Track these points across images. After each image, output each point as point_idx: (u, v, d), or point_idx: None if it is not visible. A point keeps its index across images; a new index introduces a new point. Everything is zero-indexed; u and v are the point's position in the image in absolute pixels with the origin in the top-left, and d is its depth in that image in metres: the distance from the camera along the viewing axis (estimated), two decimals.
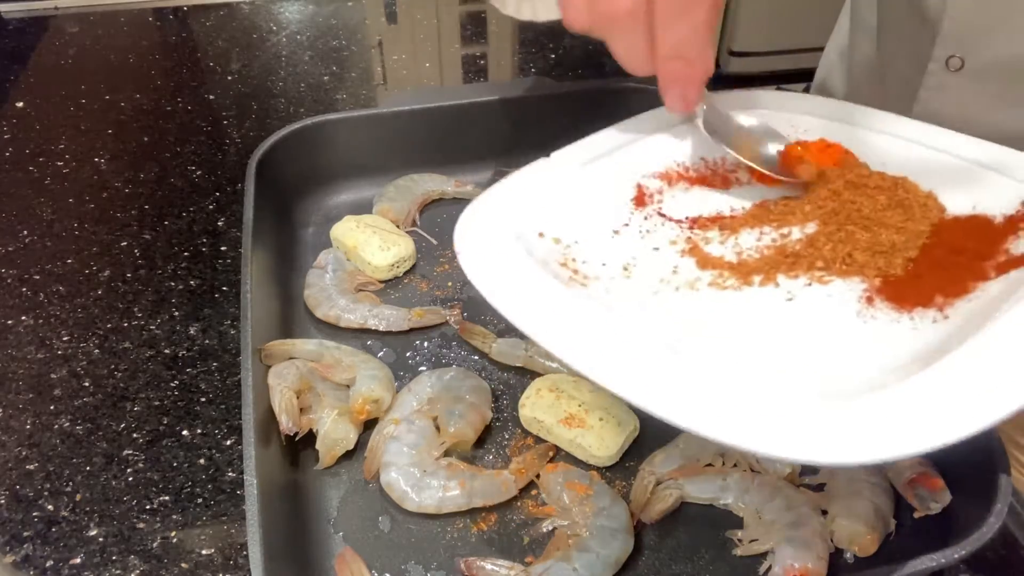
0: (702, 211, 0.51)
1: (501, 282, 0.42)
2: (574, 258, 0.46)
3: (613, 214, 0.50)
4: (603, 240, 0.48)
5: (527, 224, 0.47)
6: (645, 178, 0.52)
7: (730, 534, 0.52)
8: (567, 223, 0.48)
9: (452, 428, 0.55)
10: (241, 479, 0.55)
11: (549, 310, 0.40)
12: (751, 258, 0.47)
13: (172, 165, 0.86)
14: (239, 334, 0.62)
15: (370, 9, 1.19)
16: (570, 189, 0.51)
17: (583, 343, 0.38)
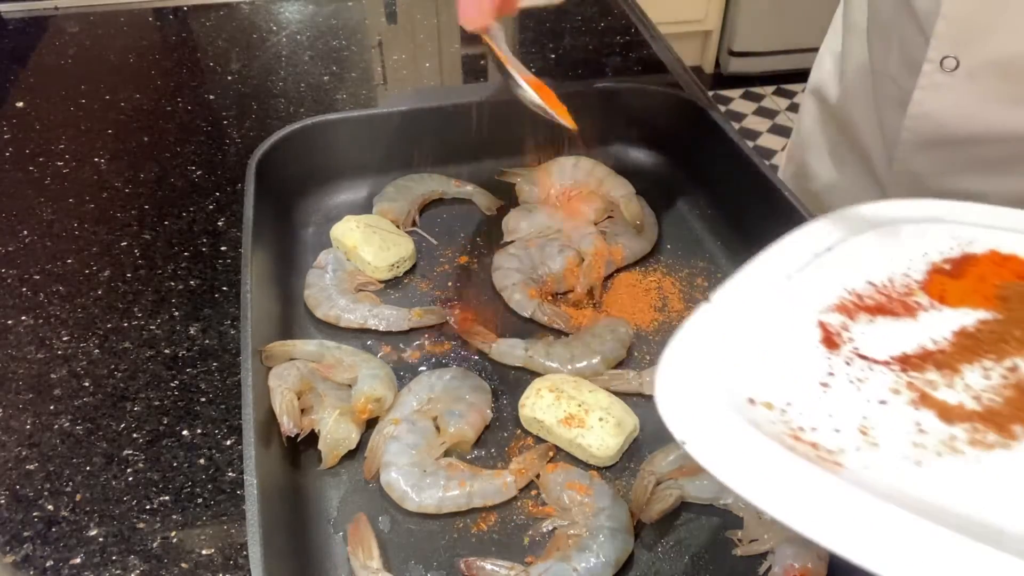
0: (903, 347, 0.45)
1: (753, 472, 0.36)
2: (801, 427, 0.39)
3: (809, 362, 0.44)
4: (815, 398, 0.41)
5: (730, 389, 0.41)
6: (824, 314, 0.46)
7: (730, 534, 0.52)
8: (767, 380, 0.42)
9: (452, 428, 0.55)
10: (241, 479, 0.55)
11: (826, 504, 0.34)
12: (995, 404, 0.40)
13: (172, 165, 0.86)
14: (239, 334, 0.62)
15: (370, 9, 1.19)
16: (752, 340, 0.44)
17: (900, 552, 0.32)
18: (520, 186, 0.78)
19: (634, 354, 0.64)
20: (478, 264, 0.73)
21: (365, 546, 0.50)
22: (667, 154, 0.83)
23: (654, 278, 0.72)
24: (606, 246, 0.71)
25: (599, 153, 0.81)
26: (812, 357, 0.44)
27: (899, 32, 0.65)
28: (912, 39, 0.63)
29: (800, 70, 2.86)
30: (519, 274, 0.69)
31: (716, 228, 0.76)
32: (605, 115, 0.82)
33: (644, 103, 0.82)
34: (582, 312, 0.68)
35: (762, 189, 0.68)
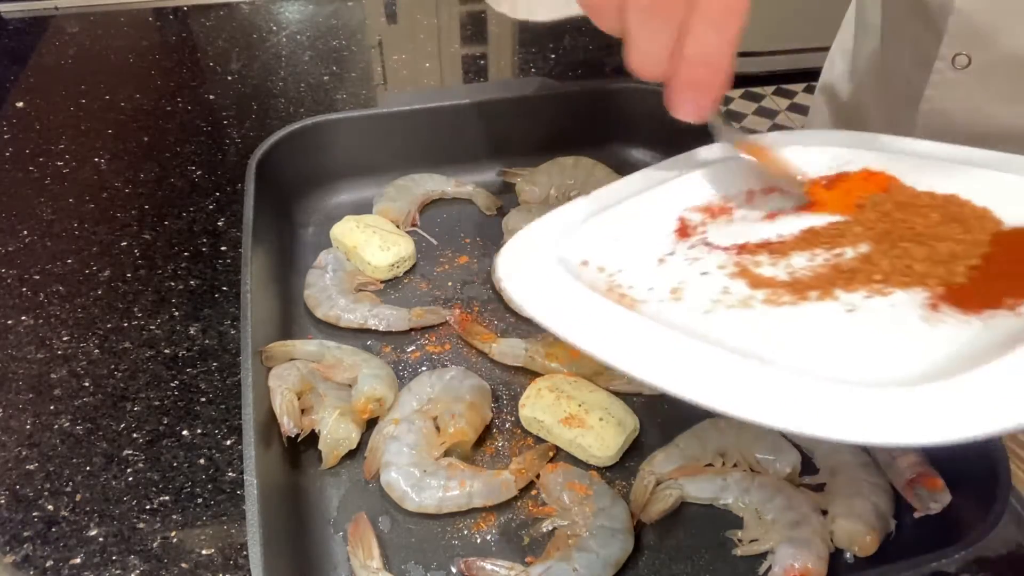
0: (749, 239, 0.49)
1: (555, 306, 0.41)
2: (619, 283, 0.46)
3: (656, 244, 0.49)
4: (648, 267, 0.47)
5: (570, 253, 0.47)
6: (687, 211, 0.51)
7: (730, 534, 0.52)
8: (609, 252, 0.48)
9: (452, 428, 0.55)
10: (241, 479, 0.55)
11: (611, 330, 0.40)
12: (805, 276, 0.45)
13: (172, 165, 0.86)
14: (239, 334, 0.62)
15: (370, 9, 1.19)
16: (610, 222, 0.50)
17: (657, 359, 0.38)
18: (520, 186, 0.78)
19: None
20: (478, 264, 0.73)
21: (365, 546, 0.50)
22: (667, 154, 0.83)
23: None
24: None
25: (599, 153, 0.81)
26: (659, 240, 0.50)
27: (912, 29, 0.65)
28: (924, 36, 0.63)
29: (800, 70, 2.87)
30: None
31: None
32: (605, 115, 0.82)
33: (644, 103, 0.82)
34: None
35: None
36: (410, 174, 0.79)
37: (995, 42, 0.59)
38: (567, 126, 0.82)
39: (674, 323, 0.42)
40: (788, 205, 0.51)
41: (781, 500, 0.51)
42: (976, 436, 0.31)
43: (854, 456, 0.54)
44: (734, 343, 0.40)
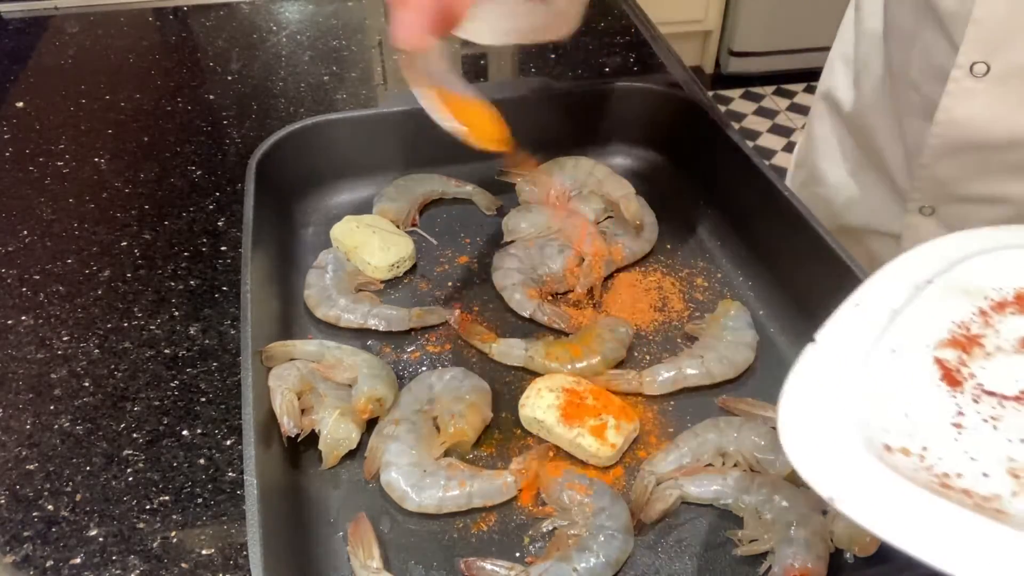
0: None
1: (927, 531, 0.34)
2: (945, 473, 0.38)
3: (934, 403, 0.42)
4: (951, 440, 0.40)
5: (862, 437, 0.39)
6: (937, 350, 0.44)
7: (730, 534, 0.52)
8: (896, 426, 0.40)
9: (452, 428, 0.55)
10: (241, 479, 0.55)
11: (1002, 556, 0.33)
12: None
13: (172, 165, 0.86)
14: (239, 334, 0.62)
15: (370, 9, 1.19)
16: (867, 381, 0.42)
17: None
18: (520, 186, 0.78)
19: (634, 354, 0.64)
20: (478, 264, 0.73)
21: (365, 546, 0.50)
22: (667, 154, 0.83)
23: (654, 278, 0.72)
24: (606, 246, 0.71)
25: (599, 153, 0.81)
26: (936, 396, 0.42)
27: (922, 38, 0.65)
28: (937, 45, 0.62)
29: (800, 70, 2.87)
30: (519, 274, 0.69)
31: (716, 228, 0.76)
32: (605, 115, 0.82)
33: (644, 103, 0.82)
34: (582, 312, 0.68)
35: (762, 189, 0.68)
36: (410, 174, 0.79)
37: (1014, 49, 0.59)
38: (567, 126, 0.82)
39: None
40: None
41: (781, 500, 0.51)
42: None
43: None
44: None
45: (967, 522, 0.34)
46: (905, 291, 0.47)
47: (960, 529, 0.34)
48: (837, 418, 0.39)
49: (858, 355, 0.43)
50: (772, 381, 0.62)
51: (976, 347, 0.45)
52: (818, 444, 0.38)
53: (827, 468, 0.37)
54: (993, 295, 0.47)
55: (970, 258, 0.49)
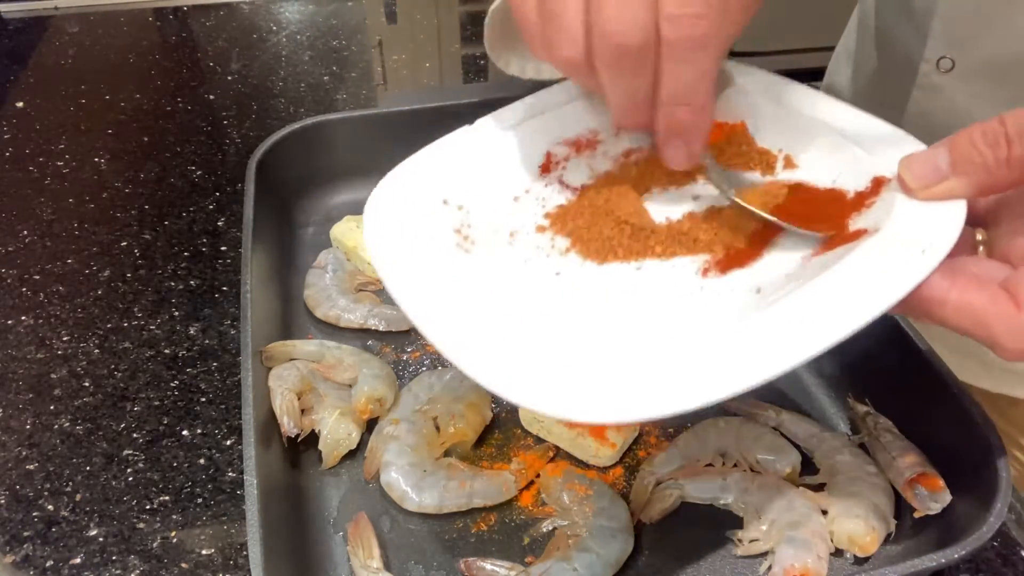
0: (594, 179, 0.51)
1: (390, 249, 0.42)
2: (469, 224, 0.47)
3: (518, 181, 0.50)
4: (502, 207, 0.48)
5: (437, 190, 0.47)
6: (556, 145, 0.51)
7: (730, 534, 0.52)
8: (474, 189, 0.48)
9: (452, 428, 0.55)
10: (241, 479, 0.55)
11: (422, 277, 0.41)
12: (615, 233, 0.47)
13: (172, 165, 0.86)
14: (239, 334, 0.62)
15: (370, 9, 1.19)
16: (484, 155, 0.50)
17: (434, 305, 0.39)
18: None
19: None
20: None
21: (365, 546, 0.50)
22: None
23: None
24: None
25: None
26: (524, 177, 0.50)
27: (900, 32, 0.65)
28: (912, 39, 0.63)
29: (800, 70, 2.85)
30: None
31: None
32: None
33: None
34: None
35: None
36: None
37: (978, 46, 0.59)
38: None
39: (496, 271, 0.44)
40: (647, 141, 0.51)
41: (781, 500, 0.51)
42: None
43: (854, 456, 0.54)
44: (530, 296, 0.43)
45: (426, 248, 0.43)
46: (571, 94, 0.52)
47: (421, 255, 0.42)
48: (428, 173, 0.47)
49: (496, 133, 0.50)
50: (772, 381, 0.62)
51: (589, 149, 0.51)
52: (393, 184, 0.46)
53: (380, 198, 0.45)
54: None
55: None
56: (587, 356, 0.38)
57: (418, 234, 0.44)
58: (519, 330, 0.39)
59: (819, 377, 0.62)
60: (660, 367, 0.36)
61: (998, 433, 0.48)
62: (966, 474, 0.49)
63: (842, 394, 0.60)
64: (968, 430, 0.49)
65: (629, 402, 0.35)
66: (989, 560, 0.51)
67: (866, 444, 0.55)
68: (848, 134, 0.47)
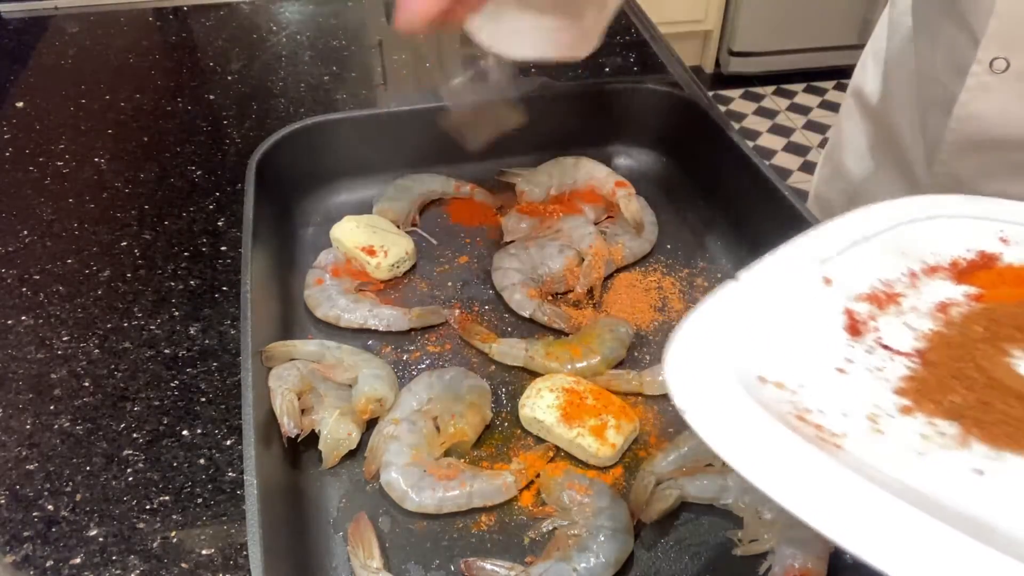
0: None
1: (749, 446, 0.35)
2: (808, 408, 0.39)
3: (830, 347, 0.43)
4: (831, 382, 0.41)
5: (742, 366, 0.40)
6: (852, 302, 0.45)
7: (730, 534, 0.52)
8: (783, 362, 0.41)
9: (452, 428, 0.55)
10: (241, 479, 0.55)
11: (818, 485, 0.33)
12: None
13: (172, 165, 0.86)
14: (239, 334, 0.62)
15: (370, 9, 1.19)
16: (774, 320, 0.43)
17: (886, 535, 0.31)
18: (520, 186, 0.78)
19: (634, 354, 0.64)
20: (478, 264, 0.73)
21: (365, 546, 0.50)
22: (667, 154, 0.83)
23: (654, 278, 0.72)
24: (606, 246, 0.71)
25: (599, 153, 0.81)
26: (833, 342, 0.43)
27: (946, 32, 0.64)
28: (959, 39, 0.62)
29: (800, 70, 2.87)
30: (519, 274, 0.69)
31: (716, 228, 0.76)
32: (605, 115, 0.82)
33: (644, 103, 0.82)
34: (582, 312, 0.68)
35: (762, 189, 0.68)
36: (410, 174, 0.79)
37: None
38: (567, 126, 0.82)
39: (884, 470, 0.35)
40: (956, 292, 0.46)
41: None
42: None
43: None
44: (961, 506, 0.34)
45: (793, 446, 0.35)
46: (842, 244, 0.47)
47: (784, 451, 0.34)
48: (723, 346, 0.40)
49: (772, 295, 0.44)
50: None
51: (892, 304, 0.46)
52: (693, 365, 0.39)
53: (690, 385, 0.38)
54: (929, 259, 0.48)
55: (917, 222, 0.50)
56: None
57: (766, 425, 0.36)
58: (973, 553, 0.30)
59: None
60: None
61: None
62: None
63: None
64: None
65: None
66: None
67: None
68: None
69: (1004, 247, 0.49)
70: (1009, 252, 0.49)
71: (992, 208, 0.51)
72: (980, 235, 0.50)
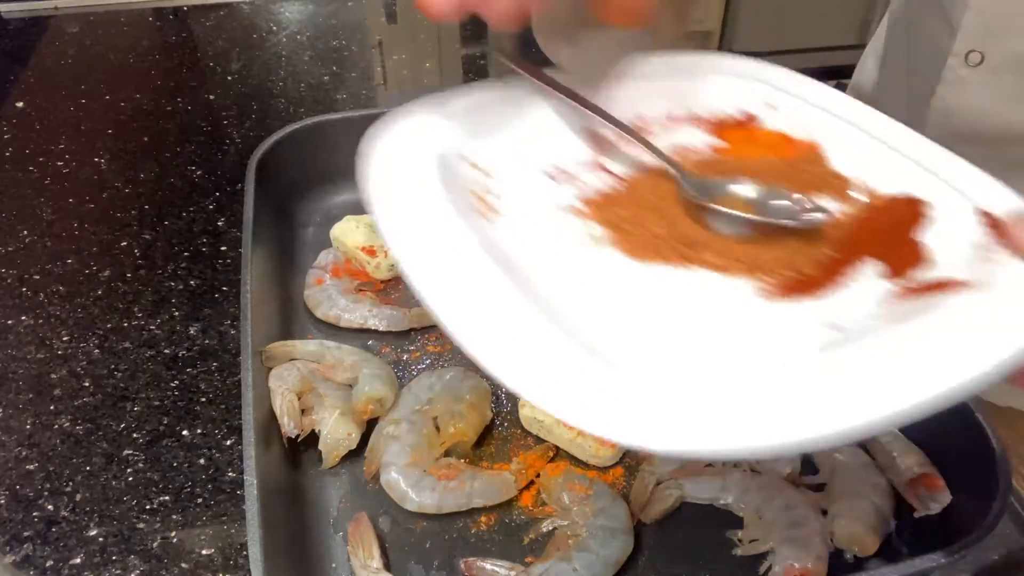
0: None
1: (393, 200, 0.37)
2: (490, 191, 0.41)
3: (554, 156, 0.45)
4: (533, 181, 0.44)
5: (457, 145, 0.42)
6: (602, 126, 0.47)
7: (730, 534, 0.52)
8: (502, 155, 0.43)
9: (452, 428, 0.55)
10: (241, 479, 0.55)
11: (430, 237, 0.35)
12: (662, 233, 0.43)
13: (172, 165, 0.86)
14: (239, 334, 0.62)
15: (370, 9, 1.19)
16: (518, 118, 0.45)
17: (443, 274, 0.34)
18: None
19: None
20: None
21: (365, 546, 0.50)
22: None
23: None
24: None
25: None
26: (561, 150, 0.46)
27: (929, 25, 0.64)
28: (941, 32, 0.62)
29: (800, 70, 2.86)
30: None
31: None
32: None
33: None
34: None
35: None
36: None
37: (1009, 40, 0.58)
38: None
39: (520, 248, 0.38)
40: (703, 141, 0.49)
41: (781, 500, 0.51)
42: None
43: (854, 456, 0.54)
44: (562, 288, 0.37)
45: (437, 205, 0.37)
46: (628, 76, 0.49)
47: (426, 208, 0.37)
48: (442, 124, 0.43)
49: (531, 93, 0.46)
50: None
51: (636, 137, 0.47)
52: (405, 123, 0.43)
53: (388, 138, 0.42)
54: (696, 110, 0.51)
55: (697, 76, 0.53)
56: (626, 362, 0.32)
57: (429, 188, 0.38)
58: (542, 318, 0.32)
59: None
60: (719, 394, 0.30)
61: (998, 433, 0.48)
62: (966, 474, 0.49)
63: None
64: (968, 430, 0.49)
65: (680, 430, 0.28)
66: (989, 560, 0.51)
67: (866, 444, 0.55)
68: (929, 168, 0.45)
69: (768, 112, 0.52)
70: (772, 118, 0.51)
71: (771, 74, 0.54)
72: (751, 98, 0.52)
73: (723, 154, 0.50)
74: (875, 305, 0.39)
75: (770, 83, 0.53)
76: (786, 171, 0.47)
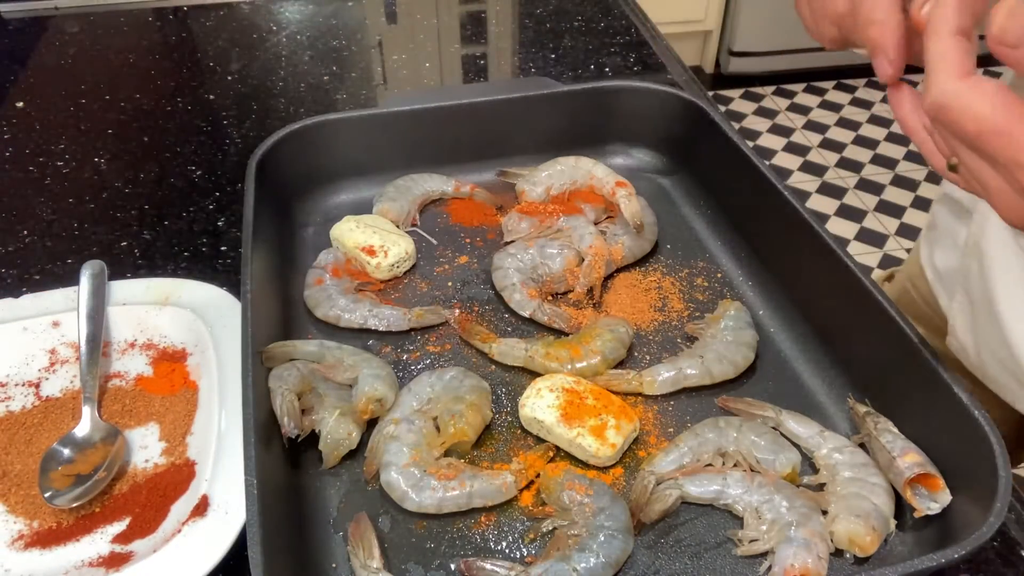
0: None
1: None
2: None
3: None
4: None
5: None
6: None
7: (730, 534, 0.52)
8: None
9: (452, 428, 0.55)
10: None
11: None
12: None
13: (172, 165, 0.86)
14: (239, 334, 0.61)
15: (370, 9, 1.19)
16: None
17: None
18: (520, 186, 0.78)
19: (634, 354, 0.64)
20: (478, 264, 0.73)
21: (365, 546, 0.50)
22: (667, 154, 0.83)
23: (654, 278, 0.72)
24: (606, 246, 0.71)
25: (599, 153, 0.81)
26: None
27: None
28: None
29: (800, 70, 2.87)
30: (519, 274, 0.69)
31: (716, 228, 0.76)
32: (605, 115, 0.82)
33: (644, 103, 0.82)
34: (582, 312, 0.68)
35: (762, 189, 0.68)
36: (410, 174, 0.79)
37: None
38: (567, 126, 0.82)
39: None
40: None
41: (781, 500, 0.51)
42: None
43: (854, 456, 0.54)
44: None
45: None
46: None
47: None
48: None
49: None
50: (772, 381, 0.62)
51: None
52: None
53: None
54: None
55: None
56: None
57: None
58: None
59: (819, 377, 0.62)
60: None
61: (999, 433, 0.48)
62: (966, 474, 0.49)
63: (842, 394, 0.60)
64: (968, 430, 0.49)
65: None
66: (989, 560, 0.51)
67: (866, 444, 0.55)
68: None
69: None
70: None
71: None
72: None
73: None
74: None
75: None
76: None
